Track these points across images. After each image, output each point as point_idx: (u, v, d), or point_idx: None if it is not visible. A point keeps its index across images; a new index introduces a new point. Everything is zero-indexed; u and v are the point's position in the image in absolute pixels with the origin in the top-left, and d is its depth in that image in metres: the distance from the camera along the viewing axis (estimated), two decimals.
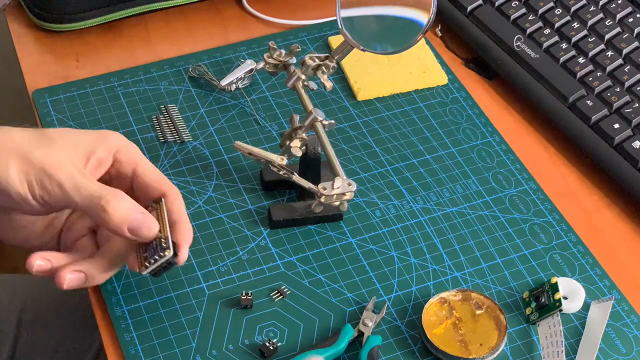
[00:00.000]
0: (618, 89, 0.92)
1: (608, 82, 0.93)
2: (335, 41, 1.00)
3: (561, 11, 0.99)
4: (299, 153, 0.82)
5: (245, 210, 0.86)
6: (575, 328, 0.78)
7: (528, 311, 0.79)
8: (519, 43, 0.98)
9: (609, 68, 0.94)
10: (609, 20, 0.98)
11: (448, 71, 0.99)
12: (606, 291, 0.81)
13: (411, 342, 0.77)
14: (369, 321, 0.77)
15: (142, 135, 0.91)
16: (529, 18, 0.99)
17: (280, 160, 0.81)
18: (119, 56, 1.00)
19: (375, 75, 0.97)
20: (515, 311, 0.79)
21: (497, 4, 1.02)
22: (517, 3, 1.01)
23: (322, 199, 0.79)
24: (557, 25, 0.99)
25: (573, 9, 0.99)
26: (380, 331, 0.77)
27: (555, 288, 0.78)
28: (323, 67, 0.84)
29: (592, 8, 0.99)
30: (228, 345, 0.76)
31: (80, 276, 0.71)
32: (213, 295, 0.79)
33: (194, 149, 0.90)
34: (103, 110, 0.93)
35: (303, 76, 0.85)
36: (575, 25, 0.98)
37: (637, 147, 0.88)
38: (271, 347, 0.75)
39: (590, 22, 0.98)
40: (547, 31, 0.98)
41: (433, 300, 0.78)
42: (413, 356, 0.76)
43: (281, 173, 0.81)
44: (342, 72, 0.98)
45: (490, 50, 0.99)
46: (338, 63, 0.85)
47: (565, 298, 0.78)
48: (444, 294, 0.79)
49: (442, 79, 0.98)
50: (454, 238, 0.84)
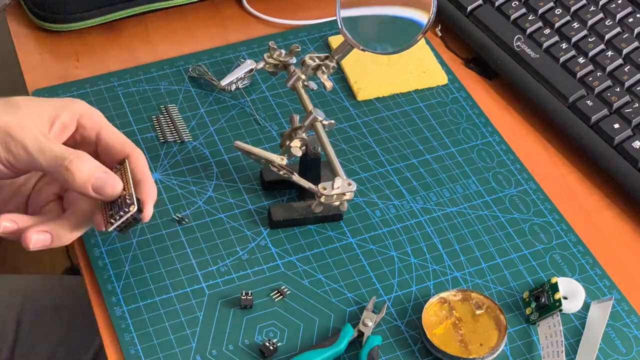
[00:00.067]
0: (618, 89, 0.92)
1: (608, 82, 0.93)
2: (335, 41, 1.00)
3: (561, 11, 0.99)
4: (299, 153, 0.81)
5: (245, 210, 0.86)
6: (575, 328, 0.78)
7: (528, 311, 0.79)
8: (519, 43, 0.98)
9: (609, 68, 0.94)
10: (609, 20, 0.98)
11: (448, 71, 0.99)
12: (606, 291, 0.81)
13: (411, 342, 0.77)
14: (369, 321, 0.77)
15: (142, 135, 0.91)
16: (529, 18, 0.99)
17: (280, 160, 0.81)
18: (119, 56, 1.00)
19: (375, 75, 0.97)
20: (515, 311, 0.79)
21: (497, 4, 1.02)
22: (517, 3, 1.01)
23: (322, 199, 0.79)
24: (557, 25, 0.99)
25: (573, 9, 0.99)
26: (380, 331, 0.77)
27: (555, 288, 0.78)
28: (323, 67, 0.84)
29: (592, 8, 0.99)
30: (228, 345, 0.76)
31: (46, 237, 0.72)
32: (213, 295, 0.79)
33: (194, 149, 0.90)
34: (103, 110, 0.92)
35: (303, 76, 0.85)
36: (575, 25, 0.98)
37: (637, 147, 0.88)
38: (271, 347, 0.75)
39: (590, 22, 0.98)
40: (547, 31, 0.98)
41: (433, 300, 0.78)
42: (413, 356, 0.76)
43: (281, 173, 0.81)
44: (342, 72, 0.98)
45: (490, 50, 0.99)
46: (338, 63, 0.85)
47: (565, 298, 0.78)
48: (444, 294, 0.78)
49: (442, 79, 0.98)
50: (454, 238, 0.84)
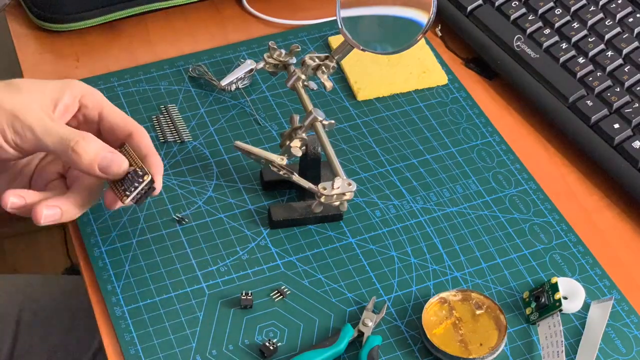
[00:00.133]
0: (618, 89, 0.92)
1: (608, 82, 0.93)
2: (335, 41, 1.00)
3: (561, 11, 0.99)
4: (299, 153, 0.81)
5: (245, 210, 0.86)
6: (575, 328, 0.78)
7: (528, 311, 0.79)
8: (519, 43, 0.98)
9: (609, 68, 0.94)
10: (609, 20, 0.98)
11: (448, 71, 0.99)
12: (606, 291, 0.81)
13: (411, 342, 0.77)
14: (369, 321, 0.77)
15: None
16: (529, 18, 0.99)
17: (280, 160, 0.81)
18: (119, 56, 1.00)
19: (375, 75, 0.97)
20: (515, 311, 0.79)
21: (497, 4, 1.02)
22: (517, 3, 1.01)
23: (322, 199, 0.79)
24: (557, 25, 0.99)
25: (573, 9, 0.99)
26: (380, 331, 0.77)
27: (555, 288, 0.78)
28: (323, 67, 0.84)
29: (592, 8, 0.99)
30: (228, 345, 0.76)
31: (55, 211, 0.72)
32: (213, 295, 0.79)
33: (194, 149, 0.90)
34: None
35: (303, 76, 0.85)
36: (575, 25, 0.98)
37: (637, 147, 0.88)
38: (271, 347, 0.75)
39: (590, 22, 0.98)
40: (547, 31, 0.98)
41: (433, 300, 0.78)
42: (413, 356, 0.76)
43: (281, 173, 0.81)
44: (342, 72, 0.98)
45: (490, 50, 0.99)
46: (338, 63, 0.85)
47: (565, 298, 0.78)
48: (444, 294, 0.78)
49: (442, 79, 0.98)
50: (454, 238, 0.84)
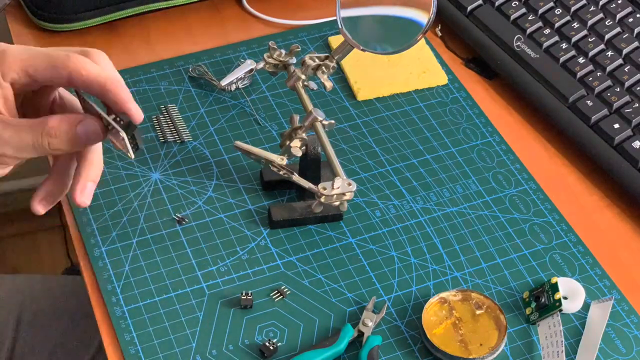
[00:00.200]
0: (618, 89, 0.92)
1: (608, 82, 0.93)
2: (335, 41, 1.00)
3: (561, 11, 0.99)
4: (299, 153, 0.81)
5: (245, 210, 0.86)
6: (575, 328, 0.78)
7: (528, 311, 0.79)
8: (519, 43, 0.98)
9: (609, 68, 0.94)
10: (609, 20, 0.98)
11: (448, 71, 0.99)
12: (606, 291, 0.81)
13: (411, 342, 0.77)
14: (369, 321, 0.77)
15: (143, 135, 0.91)
16: (529, 18, 0.99)
17: (280, 160, 0.81)
18: (119, 56, 1.00)
19: (375, 75, 0.97)
20: (515, 311, 0.79)
21: (497, 4, 1.02)
22: (517, 3, 1.01)
23: (322, 199, 0.79)
24: (557, 25, 0.99)
25: (573, 9, 0.99)
26: (380, 331, 0.77)
27: (555, 288, 0.78)
28: (323, 67, 0.84)
29: (592, 8, 0.99)
30: (228, 345, 0.76)
31: (91, 186, 0.72)
32: (213, 295, 0.79)
33: (194, 149, 0.90)
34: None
35: (303, 76, 0.85)
36: (575, 25, 0.98)
37: (637, 147, 0.88)
38: (271, 347, 0.75)
39: (590, 22, 0.98)
40: (547, 31, 0.98)
41: (433, 300, 0.78)
42: (413, 356, 0.76)
43: (281, 173, 0.81)
44: (342, 72, 0.98)
45: (490, 50, 0.99)
46: (338, 63, 0.85)
47: (565, 298, 0.78)
48: (444, 294, 0.78)
49: (442, 79, 0.98)
50: (454, 238, 0.84)
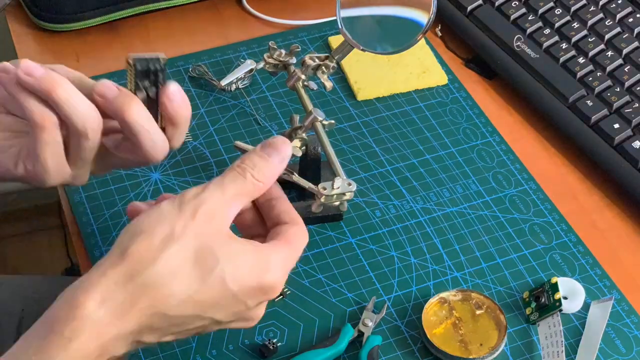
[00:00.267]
0: (618, 89, 0.92)
1: (608, 82, 0.93)
2: (335, 41, 1.00)
3: (561, 11, 0.99)
4: (299, 153, 0.81)
5: None
6: (575, 328, 0.78)
7: (528, 311, 0.79)
8: (519, 43, 0.98)
9: (609, 68, 0.94)
10: (609, 20, 0.98)
11: (448, 71, 0.99)
12: (606, 291, 0.81)
13: (411, 342, 0.77)
14: (369, 321, 0.77)
15: None
16: (529, 18, 0.99)
17: None
18: (119, 56, 0.99)
19: (375, 75, 0.97)
20: (515, 311, 0.79)
21: (497, 4, 1.02)
22: (517, 3, 1.01)
23: (322, 199, 0.79)
24: (557, 25, 0.99)
25: (573, 9, 0.99)
26: (380, 331, 0.77)
27: (555, 288, 0.78)
28: (323, 67, 0.84)
29: (592, 8, 0.99)
30: (228, 345, 0.76)
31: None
32: None
33: (194, 149, 0.90)
34: None
35: (303, 76, 0.85)
36: (575, 25, 0.98)
37: (637, 147, 0.88)
38: (271, 347, 0.75)
39: (590, 22, 0.98)
40: (547, 31, 0.98)
41: (433, 300, 0.78)
42: (413, 356, 0.76)
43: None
44: (342, 72, 0.98)
45: (490, 50, 0.99)
46: (338, 63, 0.85)
47: (565, 298, 0.78)
48: (444, 294, 0.78)
49: (442, 79, 0.98)
50: (454, 238, 0.84)
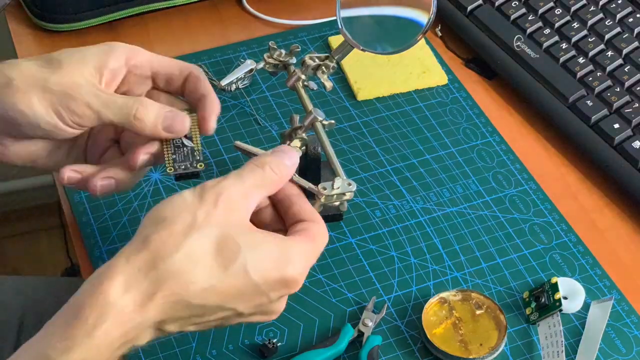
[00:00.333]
0: (618, 89, 0.92)
1: (608, 82, 0.93)
2: (335, 41, 1.00)
3: (561, 11, 0.99)
4: (299, 153, 0.81)
5: None
6: (575, 328, 0.78)
7: (528, 311, 0.79)
8: (519, 43, 0.98)
9: (609, 68, 0.94)
10: (609, 20, 0.98)
11: (448, 71, 0.99)
12: (606, 291, 0.81)
13: (411, 342, 0.77)
14: (369, 321, 0.77)
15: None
16: (529, 18, 0.99)
17: None
18: None
19: (375, 75, 0.97)
20: (515, 311, 0.79)
21: (497, 4, 1.02)
22: (517, 3, 1.01)
23: (323, 199, 0.79)
24: (557, 25, 0.99)
25: (573, 9, 0.99)
26: (380, 331, 0.77)
27: (555, 288, 0.78)
28: (323, 67, 0.84)
29: (592, 8, 0.99)
30: (228, 345, 0.76)
31: (110, 182, 0.72)
32: None
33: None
34: None
35: (303, 76, 0.85)
36: (575, 25, 0.98)
37: (637, 147, 0.88)
38: (271, 347, 0.75)
39: (590, 22, 0.98)
40: (547, 31, 0.98)
41: (433, 300, 0.78)
42: (413, 356, 0.76)
43: None
44: (342, 72, 0.98)
45: (490, 50, 0.99)
46: (338, 63, 0.85)
47: (565, 298, 0.78)
48: (444, 294, 0.78)
49: (442, 79, 0.98)
50: (454, 238, 0.84)
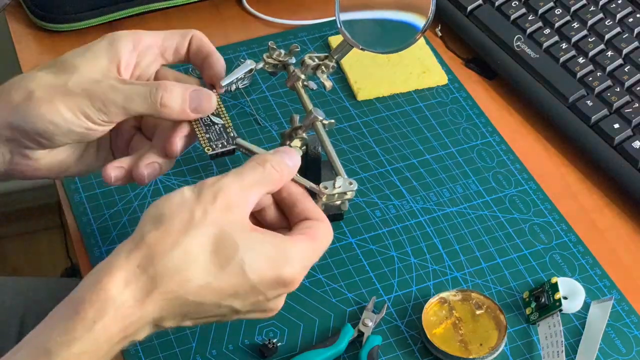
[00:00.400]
0: (618, 89, 0.92)
1: (608, 82, 0.93)
2: (335, 41, 1.00)
3: (561, 11, 0.99)
4: (300, 154, 0.81)
5: None
6: (575, 328, 0.78)
7: (528, 311, 0.79)
8: (519, 43, 0.98)
9: (609, 68, 0.94)
10: (609, 20, 0.98)
11: (448, 71, 0.99)
12: (606, 291, 0.81)
13: (411, 342, 0.77)
14: (369, 321, 0.77)
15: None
16: (529, 18, 0.99)
17: None
18: None
19: (375, 75, 0.97)
20: (515, 311, 0.79)
21: (497, 4, 1.02)
22: (517, 3, 1.01)
23: (324, 199, 0.79)
24: (557, 25, 0.99)
25: (573, 9, 0.99)
26: (380, 331, 0.77)
27: (555, 288, 0.78)
28: (322, 67, 0.84)
29: (592, 8, 0.99)
30: (228, 345, 0.76)
31: (155, 167, 0.72)
32: None
33: (194, 149, 0.90)
34: None
35: (303, 76, 0.85)
36: (575, 25, 0.98)
37: (637, 147, 0.88)
38: (271, 347, 0.75)
39: (590, 22, 0.98)
40: (547, 31, 0.98)
41: (433, 300, 0.78)
42: (413, 356, 0.76)
43: None
44: (342, 72, 0.98)
45: (490, 50, 0.99)
46: (338, 63, 0.85)
47: (565, 298, 0.78)
48: (444, 294, 0.78)
49: (442, 79, 0.98)
50: (454, 238, 0.84)
